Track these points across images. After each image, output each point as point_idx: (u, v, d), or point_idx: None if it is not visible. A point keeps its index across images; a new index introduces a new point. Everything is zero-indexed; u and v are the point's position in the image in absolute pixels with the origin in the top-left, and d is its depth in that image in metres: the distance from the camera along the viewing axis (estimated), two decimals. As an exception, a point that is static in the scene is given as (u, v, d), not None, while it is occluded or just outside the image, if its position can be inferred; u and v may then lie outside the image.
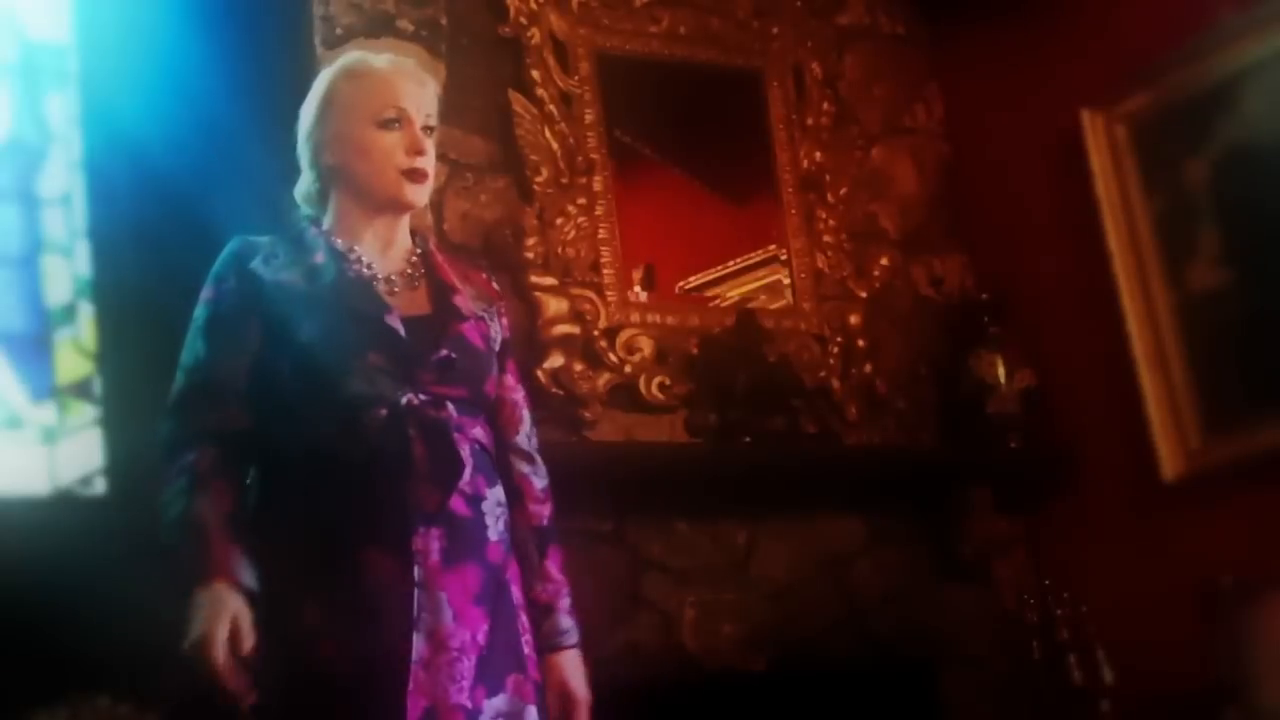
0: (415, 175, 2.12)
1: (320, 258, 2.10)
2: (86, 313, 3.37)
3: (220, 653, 1.90)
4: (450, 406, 2.05)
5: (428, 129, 2.15)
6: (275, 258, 2.09)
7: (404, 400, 2.01)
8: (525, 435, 2.23)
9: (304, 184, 2.20)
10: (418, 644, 1.93)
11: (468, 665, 1.97)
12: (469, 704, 1.95)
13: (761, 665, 3.49)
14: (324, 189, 2.17)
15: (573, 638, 2.17)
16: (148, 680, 2.80)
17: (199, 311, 2.10)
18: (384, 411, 2.00)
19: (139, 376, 3.25)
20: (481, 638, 1.99)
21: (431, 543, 1.98)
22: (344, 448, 1.99)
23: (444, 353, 2.07)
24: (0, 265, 3.34)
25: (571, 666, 2.16)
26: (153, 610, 2.75)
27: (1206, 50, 3.57)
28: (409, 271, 2.16)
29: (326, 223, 2.16)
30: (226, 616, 1.91)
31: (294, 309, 2.05)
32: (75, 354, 3.35)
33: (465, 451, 2.04)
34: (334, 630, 1.94)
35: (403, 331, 2.06)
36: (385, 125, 2.12)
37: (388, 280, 2.13)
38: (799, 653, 3.52)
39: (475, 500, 2.05)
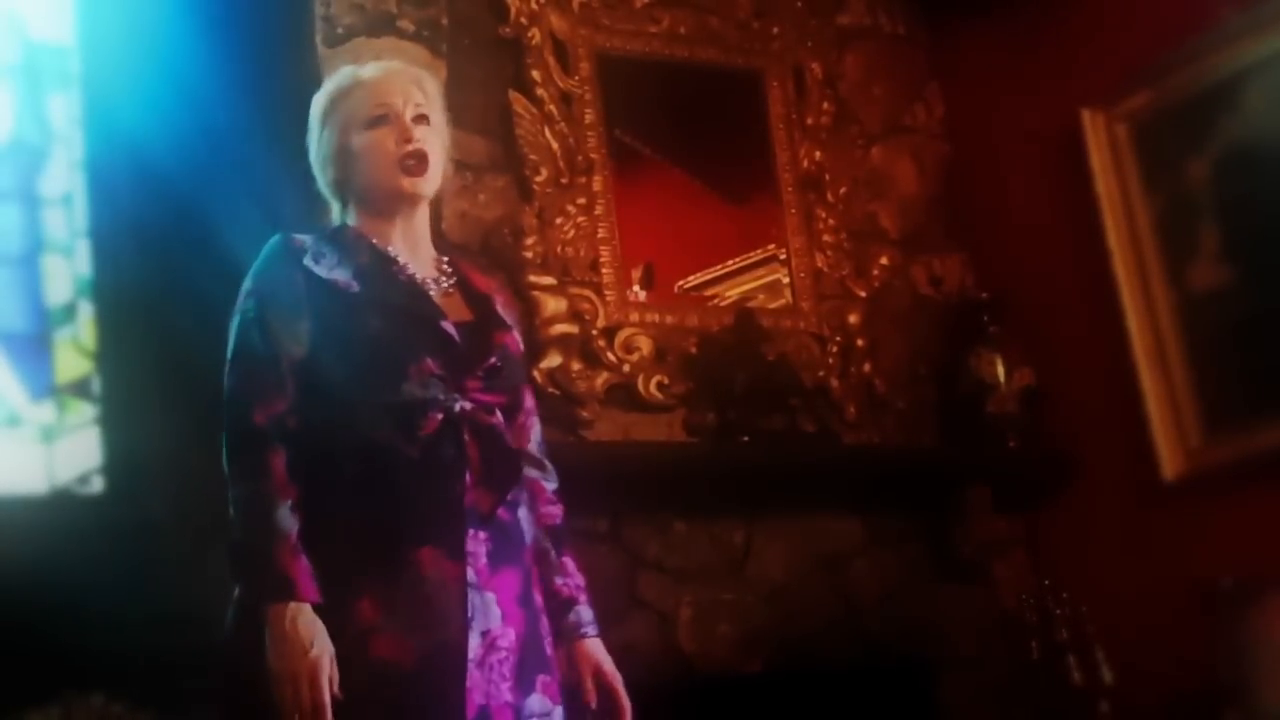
0: (410, 161, 2.13)
1: (365, 258, 2.11)
2: (86, 312, 3.39)
3: (327, 691, 1.88)
4: (499, 414, 2.08)
5: (420, 117, 2.16)
6: (324, 256, 2.09)
7: (458, 407, 2.03)
8: (536, 442, 2.25)
9: (334, 210, 2.22)
10: (473, 643, 1.96)
11: (511, 664, 2.00)
12: (514, 702, 1.99)
13: (758, 665, 3.49)
14: (344, 206, 2.20)
15: (596, 628, 2.20)
16: (145, 679, 2.82)
17: (248, 304, 2.06)
18: (440, 416, 2.02)
19: (138, 376, 3.28)
20: (521, 638, 2.03)
21: (480, 545, 2.01)
22: (399, 450, 2.00)
23: (493, 361, 2.10)
24: (1, 265, 3.36)
25: (602, 651, 2.19)
26: (151, 609, 2.77)
27: (1207, 50, 3.56)
28: (441, 278, 2.17)
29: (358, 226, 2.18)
30: (327, 651, 1.90)
31: (348, 309, 2.05)
32: (75, 353, 3.36)
33: None
34: (391, 627, 1.94)
35: (457, 338, 2.08)
36: (374, 124, 2.14)
37: (423, 284, 2.14)
38: (796, 653, 3.52)
39: (513, 505, 2.09)
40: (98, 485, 3.26)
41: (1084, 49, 3.84)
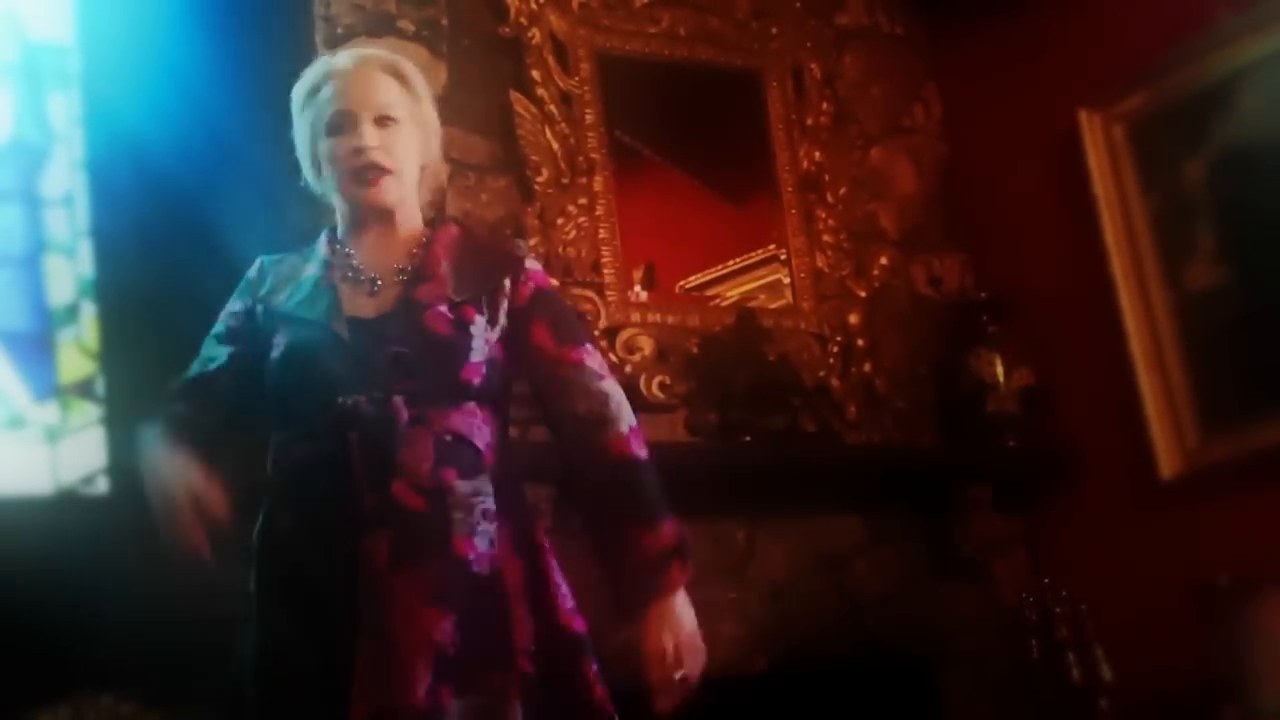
0: (364, 172, 2.10)
1: (311, 269, 2.14)
2: (89, 312, 3.38)
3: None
4: (398, 401, 2.00)
5: (384, 119, 2.11)
6: (279, 276, 2.16)
7: (346, 402, 2.01)
8: (582, 395, 2.15)
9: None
10: (361, 647, 1.91)
11: (421, 666, 1.92)
12: (423, 705, 1.90)
13: (761, 664, 3.50)
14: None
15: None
16: (152, 679, 2.82)
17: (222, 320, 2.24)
18: (329, 417, 2.02)
19: (141, 376, 3.26)
20: (442, 636, 1.94)
21: (379, 544, 1.95)
22: (299, 459, 2.03)
23: (393, 350, 2.04)
24: (3, 265, 3.35)
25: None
26: (156, 609, 2.77)
27: (1204, 50, 3.58)
28: (408, 266, 2.13)
29: (340, 230, 2.20)
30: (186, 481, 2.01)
31: (275, 329, 2.11)
32: (78, 354, 3.36)
33: (428, 445, 2.00)
34: (293, 640, 1.97)
35: (346, 335, 2.05)
36: (332, 131, 2.12)
37: (371, 281, 2.12)
38: (798, 652, 3.53)
39: (437, 494, 1.99)
40: (102, 486, 3.26)
41: (1081, 50, 3.86)
